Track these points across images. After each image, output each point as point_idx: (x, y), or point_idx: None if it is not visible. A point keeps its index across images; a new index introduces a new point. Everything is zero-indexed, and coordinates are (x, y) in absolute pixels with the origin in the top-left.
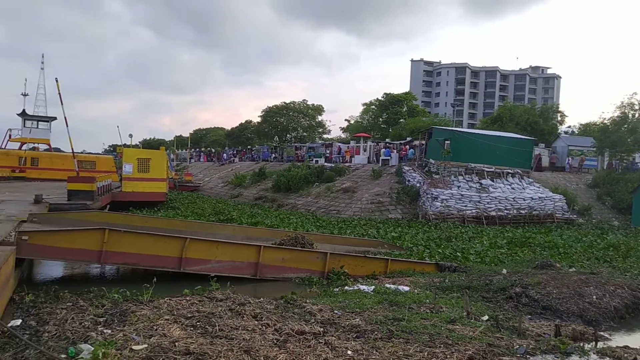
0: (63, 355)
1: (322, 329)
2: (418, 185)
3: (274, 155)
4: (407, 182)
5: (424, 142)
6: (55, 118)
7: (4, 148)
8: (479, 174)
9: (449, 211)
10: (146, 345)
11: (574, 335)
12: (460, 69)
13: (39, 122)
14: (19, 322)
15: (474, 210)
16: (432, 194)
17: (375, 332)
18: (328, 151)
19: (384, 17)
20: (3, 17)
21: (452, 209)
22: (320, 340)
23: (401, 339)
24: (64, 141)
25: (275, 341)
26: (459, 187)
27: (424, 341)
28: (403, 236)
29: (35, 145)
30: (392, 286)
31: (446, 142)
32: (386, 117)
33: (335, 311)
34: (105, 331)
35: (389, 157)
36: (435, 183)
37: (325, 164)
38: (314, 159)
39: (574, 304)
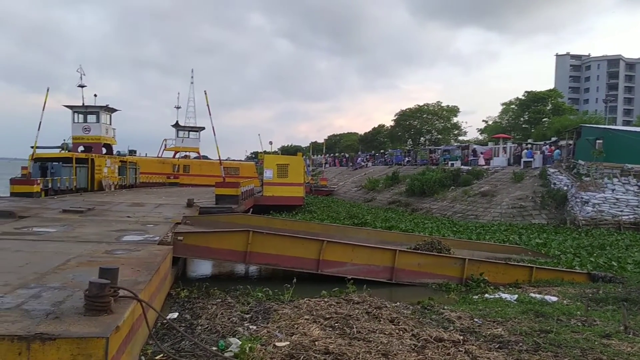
0: (214, 348)
1: (461, 337)
2: (565, 188)
3: (407, 158)
4: (552, 186)
5: (571, 142)
6: (203, 128)
7: (161, 157)
8: (637, 175)
9: (602, 217)
10: (288, 343)
11: None
12: (613, 61)
13: (190, 132)
14: (175, 315)
15: (631, 216)
16: (581, 197)
17: (520, 344)
18: (471, 153)
19: (528, 10)
20: (159, 35)
21: (606, 214)
22: (460, 349)
23: (549, 352)
24: (210, 149)
25: (412, 347)
26: (613, 190)
27: (575, 356)
28: (549, 243)
29: (187, 153)
30: (538, 296)
31: (597, 141)
32: (528, 116)
33: (475, 319)
34: (250, 327)
35: (531, 159)
36: (585, 186)
37: (462, 167)
38: (449, 162)
39: None
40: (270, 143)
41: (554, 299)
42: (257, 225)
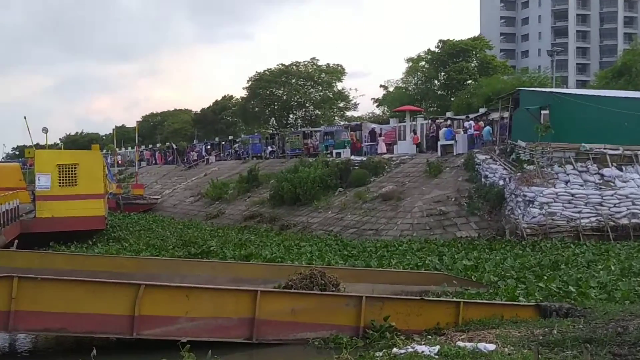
0: None
1: None
2: (501, 183)
3: (270, 147)
4: (483, 180)
5: (506, 114)
6: None
7: None
8: (598, 159)
9: (554, 222)
10: None
11: None
12: None
13: None
14: None
15: (593, 218)
16: (524, 195)
17: None
18: (367, 136)
19: None
20: None
21: (559, 217)
22: None
23: None
24: None
25: None
26: (566, 182)
27: None
28: (481, 265)
29: None
30: (469, 344)
31: (542, 112)
32: (444, 78)
33: None
34: None
35: (452, 142)
36: (528, 178)
37: (353, 157)
38: (334, 151)
39: None
40: (45, 131)
41: (492, 347)
42: (27, 267)
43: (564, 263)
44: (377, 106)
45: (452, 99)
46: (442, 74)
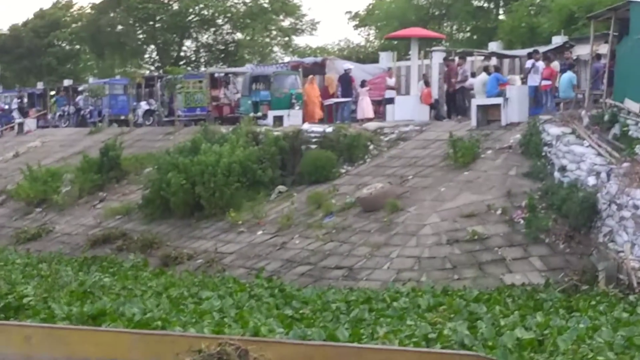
0: None
1: None
2: (593, 181)
3: (145, 104)
4: (556, 175)
5: (605, 49)
6: None
7: None
8: None
9: None
10: None
11: None
12: None
13: None
14: None
15: None
16: (636, 206)
17: None
18: (338, 86)
19: None
20: None
21: None
22: None
23: None
24: None
25: None
26: None
27: None
28: (551, 339)
29: None
30: None
31: None
32: None
33: None
34: None
35: (498, 100)
36: None
37: (307, 126)
38: (271, 113)
39: None
40: None
41: None
42: None
43: None
44: (356, 28)
45: (499, 18)
46: None
